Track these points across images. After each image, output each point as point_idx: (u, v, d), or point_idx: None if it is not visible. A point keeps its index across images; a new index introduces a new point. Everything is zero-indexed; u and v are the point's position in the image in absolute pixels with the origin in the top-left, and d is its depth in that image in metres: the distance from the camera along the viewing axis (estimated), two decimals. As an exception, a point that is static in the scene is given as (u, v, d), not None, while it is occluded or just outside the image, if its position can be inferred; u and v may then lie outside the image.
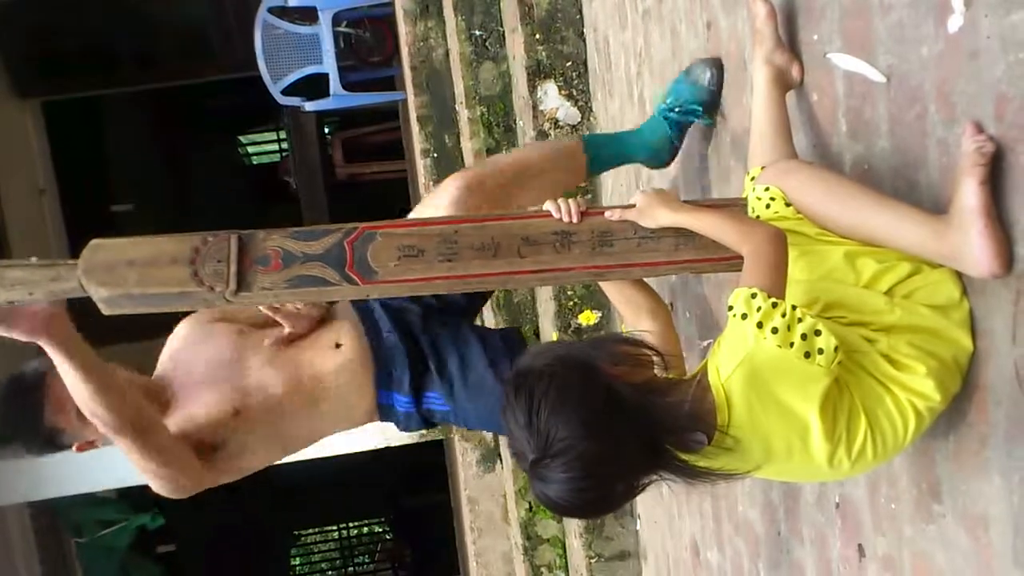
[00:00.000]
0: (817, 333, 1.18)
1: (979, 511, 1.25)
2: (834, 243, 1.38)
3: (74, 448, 1.98)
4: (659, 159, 2.26)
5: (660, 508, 3.06)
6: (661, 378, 1.25)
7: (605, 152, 2.21)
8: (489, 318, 4.07)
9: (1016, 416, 1.16)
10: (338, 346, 2.13)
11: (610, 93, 3.06)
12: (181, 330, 2.18)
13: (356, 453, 4.61)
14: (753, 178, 1.55)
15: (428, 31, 4.21)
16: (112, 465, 4.47)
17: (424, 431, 2.19)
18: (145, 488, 1.99)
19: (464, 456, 4.49)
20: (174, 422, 1.98)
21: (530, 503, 3.99)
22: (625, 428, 1.17)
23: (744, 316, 1.21)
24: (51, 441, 1.96)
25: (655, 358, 1.25)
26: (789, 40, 1.69)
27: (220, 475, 2.02)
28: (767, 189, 1.44)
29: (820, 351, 1.18)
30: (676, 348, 1.49)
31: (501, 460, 4.42)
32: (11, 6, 6.55)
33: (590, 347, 1.23)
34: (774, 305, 1.20)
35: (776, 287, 1.24)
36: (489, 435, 4.45)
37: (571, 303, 3.36)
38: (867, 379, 1.25)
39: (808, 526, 1.83)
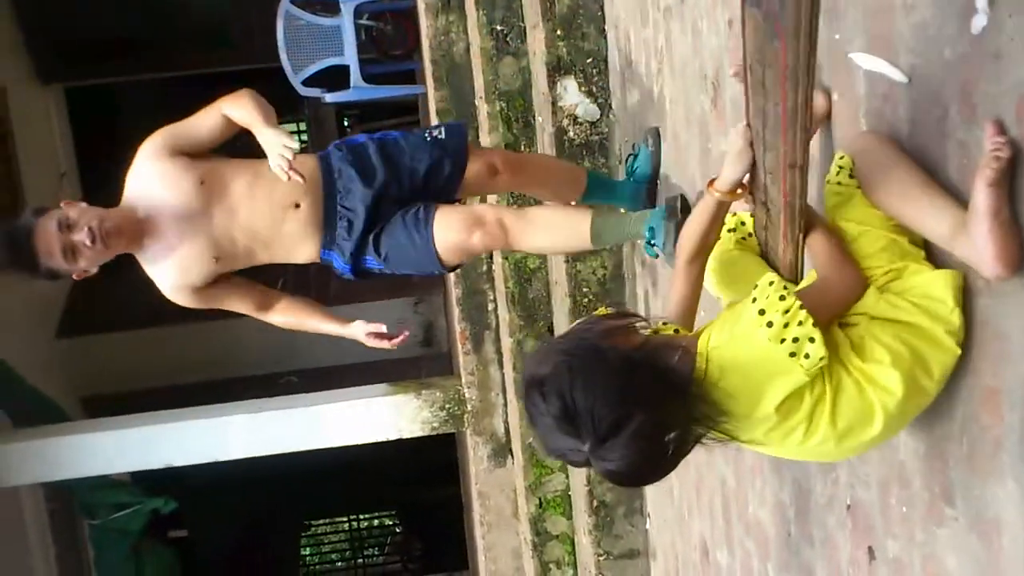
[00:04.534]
0: (811, 340, 1.23)
1: (992, 515, 1.24)
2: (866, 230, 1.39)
3: (74, 276, 2.40)
4: (638, 206, 2.77)
5: (670, 507, 3.05)
6: (653, 336, 1.31)
7: (599, 190, 2.79)
8: (504, 315, 4.07)
9: (1031, 421, 1.16)
10: (297, 206, 2.44)
11: (630, 90, 3.06)
12: (142, 167, 2.43)
13: (368, 445, 4.62)
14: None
15: (449, 25, 4.21)
16: (127, 448, 4.51)
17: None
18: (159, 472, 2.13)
19: (475, 451, 4.50)
20: (178, 275, 2.46)
21: (540, 499, 4.00)
22: (650, 384, 1.22)
23: (754, 300, 1.27)
24: (53, 277, 2.39)
25: (639, 322, 1.32)
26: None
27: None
28: (842, 157, 1.43)
29: (807, 356, 1.23)
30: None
31: (512, 455, 4.43)
32: (36, -7, 6.61)
33: (584, 332, 1.28)
34: (781, 298, 1.24)
35: (818, 311, 1.26)
36: (501, 430, 4.46)
37: (586, 299, 3.36)
38: (838, 368, 1.29)
39: (818, 527, 1.83)
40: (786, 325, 1.23)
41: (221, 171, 2.44)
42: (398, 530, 11.25)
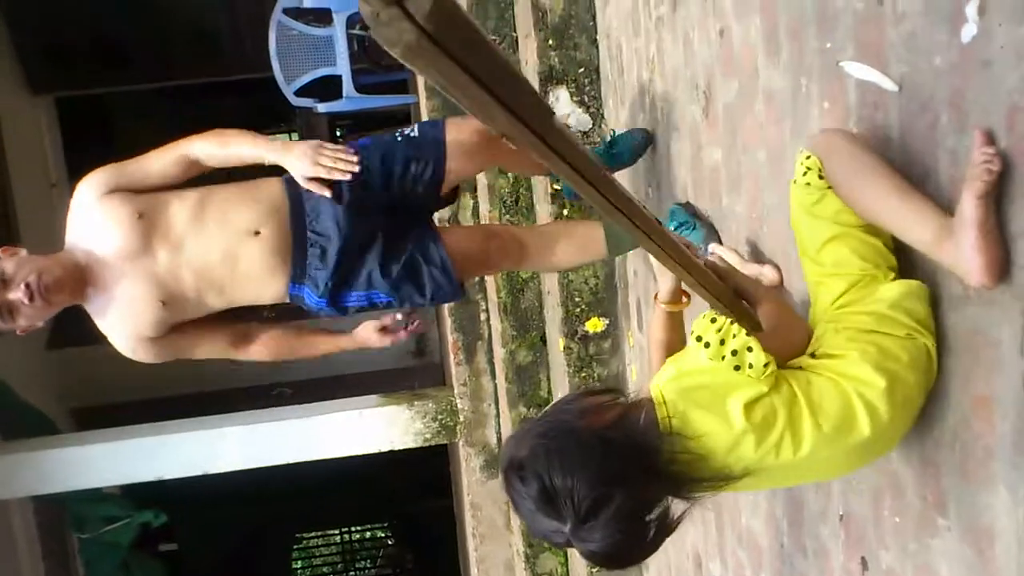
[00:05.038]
0: (749, 350, 1.27)
1: (985, 524, 1.24)
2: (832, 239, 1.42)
3: (17, 332, 2.20)
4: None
5: (663, 517, 3.04)
6: (623, 407, 1.31)
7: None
8: (496, 325, 4.06)
9: (1023, 428, 1.15)
10: (257, 233, 2.19)
11: (622, 100, 3.06)
12: (77, 209, 2.23)
13: (359, 456, 4.60)
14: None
15: (441, 35, 4.21)
16: (118, 461, 4.48)
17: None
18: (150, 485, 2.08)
19: (468, 462, 4.48)
20: (135, 329, 2.25)
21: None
22: (627, 459, 1.22)
23: (691, 332, 1.32)
24: None
25: (617, 397, 1.33)
26: (800, 48, 1.68)
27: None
28: (808, 157, 1.42)
29: (750, 365, 1.27)
30: None
31: (504, 466, 4.40)
32: (26, 2, 6.59)
33: (560, 413, 1.30)
34: (713, 320, 1.29)
35: (770, 348, 1.29)
36: (493, 441, 4.44)
37: (578, 310, 3.35)
38: (805, 373, 1.32)
39: (811, 538, 1.82)
40: (722, 342, 1.27)
41: (164, 200, 2.21)
42: (390, 542, 11.20)
